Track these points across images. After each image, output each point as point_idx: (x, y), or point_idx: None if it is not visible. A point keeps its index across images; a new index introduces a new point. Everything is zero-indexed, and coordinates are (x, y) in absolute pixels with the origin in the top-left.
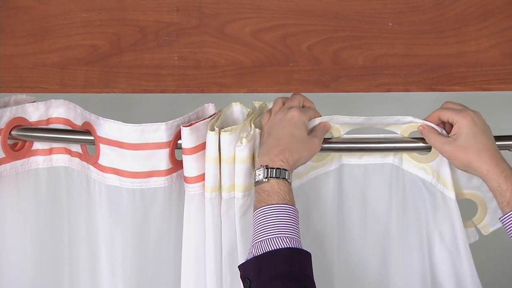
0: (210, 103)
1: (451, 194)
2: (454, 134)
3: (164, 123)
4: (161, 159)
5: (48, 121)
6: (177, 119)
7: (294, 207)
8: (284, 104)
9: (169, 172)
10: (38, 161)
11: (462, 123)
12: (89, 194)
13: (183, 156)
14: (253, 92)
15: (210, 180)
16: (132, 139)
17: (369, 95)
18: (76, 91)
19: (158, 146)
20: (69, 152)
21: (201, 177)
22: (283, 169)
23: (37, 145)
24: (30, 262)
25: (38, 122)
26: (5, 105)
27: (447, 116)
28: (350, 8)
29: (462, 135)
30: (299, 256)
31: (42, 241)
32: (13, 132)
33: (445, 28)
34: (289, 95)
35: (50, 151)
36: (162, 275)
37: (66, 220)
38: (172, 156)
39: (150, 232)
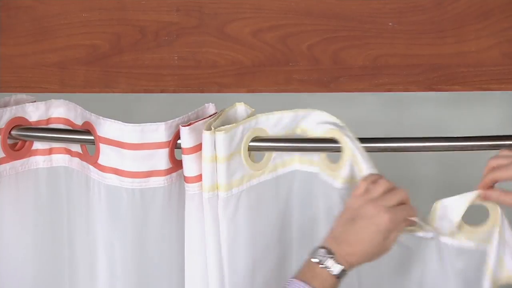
0: (210, 103)
1: None
2: None
3: (163, 123)
4: (160, 159)
5: (48, 121)
6: (177, 118)
7: None
8: (385, 190)
9: (168, 172)
10: (38, 161)
11: None
12: (89, 194)
13: (183, 156)
14: (253, 92)
15: (207, 179)
16: (132, 139)
17: (369, 95)
18: (76, 91)
19: (157, 146)
20: (69, 152)
21: (201, 177)
22: (343, 270)
23: (37, 145)
24: (30, 262)
25: (38, 122)
26: (5, 105)
27: (500, 176)
28: (350, 8)
29: None
30: None
31: (41, 241)
32: (13, 132)
33: (445, 28)
34: (289, 95)
35: (50, 151)
36: (162, 275)
37: (66, 220)
38: (171, 156)
39: (150, 232)
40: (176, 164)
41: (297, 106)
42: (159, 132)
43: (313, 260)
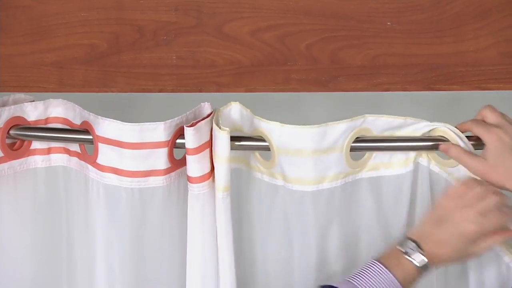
0: (206, 102)
1: None
2: (484, 153)
3: (162, 122)
4: (159, 158)
5: (46, 120)
6: (175, 118)
7: None
8: (480, 195)
9: (167, 171)
10: (37, 161)
11: (488, 142)
12: (88, 193)
13: (187, 156)
14: (251, 92)
15: (222, 180)
16: (130, 139)
17: (368, 95)
18: (74, 90)
19: (156, 145)
20: (67, 151)
21: (205, 177)
22: (427, 261)
23: (36, 145)
24: (29, 261)
25: (37, 121)
26: (4, 104)
27: (476, 131)
28: (348, 8)
29: (490, 155)
30: None
31: (40, 241)
32: (11, 132)
33: (443, 27)
34: (288, 94)
35: (49, 151)
36: (161, 274)
37: (65, 220)
38: (170, 155)
39: (149, 231)
40: (175, 164)
41: (296, 106)
42: (158, 131)
43: (401, 249)
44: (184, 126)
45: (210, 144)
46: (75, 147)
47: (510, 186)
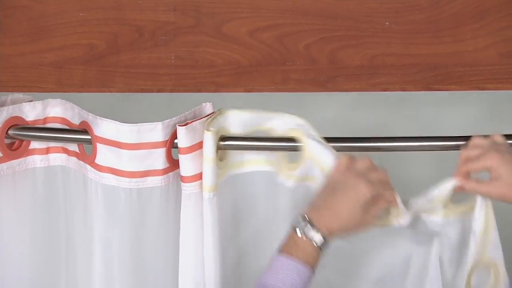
0: (207, 103)
1: None
2: (494, 177)
3: (160, 122)
4: (157, 159)
5: (45, 120)
6: (174, 118)
7: (313, 271)
8: (367, 166)
9: (165, 171)
10: (35, 160)
11: (493, 166)
12: (86, 193)
13: (180, 155)
14: (250, 92)
15: (208, 180)
16: (129, 139)
17: (366, 95)
18: (73, 90)
19: (154, 145)
20: (66, 151)
21: (198, 176)
22: (323, 237)
23: (34, 145)
24: (27, 261)
25: (35, 121)
26: (2, 104)
27: (474, 168)
28: (347, 8)
29: (502, 175)
30: None
31: (39, 240)
32: (10, 132)
33: (442, 27)
34: (287, 94)
35: (47, 150)
36: (159, 274)
37: (63, 220)
38: (168, 155)
39: (147, 231)
40: (173, 164)
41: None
42: (156, 131)
43: (296, 231)
44: (177, 125)
45: None
46: (73, 147)
47: None
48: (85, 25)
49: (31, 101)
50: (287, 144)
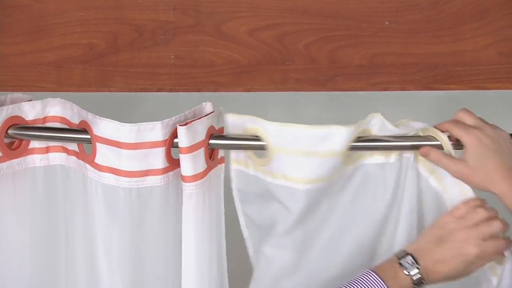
0: (207, 102)
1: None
2: (464, 155)
3: (159, 122)
4: (157, 158)
5: (44, 119)
6: (173, 117)
7: None
8: (482, 219)
9: (165, 170)
10: (35, 160)
11: (468, 144)
12: (86, 193)
13: (180, 155)
14: (249, 91)
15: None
16: (128, 139)
17: (366, 94)
18: (72, 90)
19: (154, 145)
20: (66, 150)
21: (198, 176)
22: (422, 280)
23: (34, 144)
24: (27, 260)
25: (35, 120)
26: (1, 104)
27: (455, 132)
28: (346, 7)
29: (471, 157)
30: None
31: (39, 240)
32: (9, 131)
33: (441, 27)
34: (286, 94)
35: (47, 150)
36: (160, 274)
37: (63, 219)
38: (168, 154)
39: (147, 230)
40: (173, 163)
41: (293, 105)
42: (155, 131)
43: (399, 262)
44: (177, 125)
45: (205, 143)
46: (73, 146)
47: (492, 189)
48: (85, 24)
49: (31, 100)
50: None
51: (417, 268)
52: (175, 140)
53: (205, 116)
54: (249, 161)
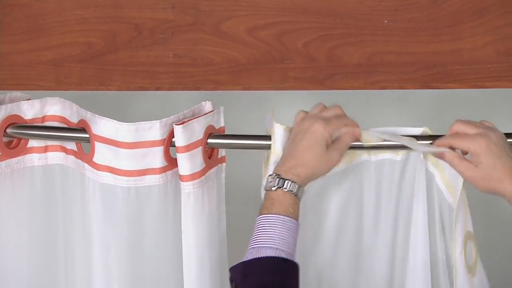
0: (207, 101)
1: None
2: (474, 162)
3: (158, 121)
4: (155, 157)
5: (43, 118)
6: (172, 117)
7: (295, 220)
8: (320, 109)
9: (163, 170)
10: (33, 159)
11: (477, 152)
12: (84, 192)
13: (177, 154)
14: (248, 90)
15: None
16: (126, 138)
17: (364, 93)
18: (71, 88)
19: (152, 144)
20: (64, 150)
21: (196, 175)
22: (293, 182)
23: (33, 143)
24: (26, 259)
25: (33, 119)
26: (0, 102)
27: (458, 144)
28: (345, 6)
29: (481, 164)
30: (284, 266)
31: (37, 239)
32: (8, 130)
33: (440, 25)
34: (285, 92)
35: (46, 149)
36: (158, 273)
37: (61, 218)
38: (166, 154)
39: (145, 230)
40: (172, 162)
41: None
42: (153, 130)
43: (266, 190)
44: (174, 124)
45: (203, 142)
46: (72, 145)
47: (503, 191)
48: (83, 23)
49: (29, 99)
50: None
51: (277, 177)
52: (174, 139)
53: (203, 115)
54: None
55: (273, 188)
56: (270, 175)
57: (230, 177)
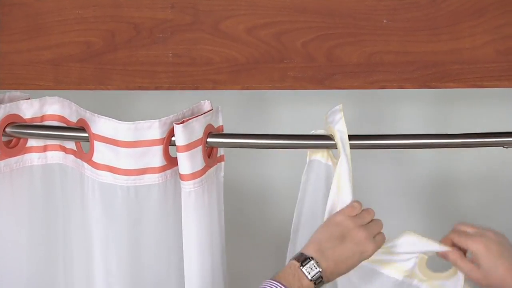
0: (206, 100)
1: None
2: (475, 261)
3: (157, 120)
4: (155, 156)
5: (42, 118)
6: (171, 116)
7: None
8: (371, 217)
9: (163, 169)
10: (33, 158)
11: (477, 252)
12: (83, 191)
13: (177, 153)
14: (247, 89)
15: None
16: (126, 137)
17: (364, 92)
18: (70, 88)
19: (151, 143)
20: (63, 149)
21: (197, 174)
22: (322, 279)
23: (32, 142)
24: (25, 259)
25: (33, 119)
26: (0, 102)
27: (461, 244)
28: (344, 5)
29: (482, 264)
30: None
31: (36, 238)
32: (7, 129)
33: (439, 25)
34: (284, 92)
35: (45, 148)
36: (157, 272)
37: (61, 218)
38: (166, 153)
39: (145, 229)
40: (171, 161)
41: (291, 103)
42: (153, 129)
43: (301, 268)
44: (174, 124)
45: (203, 141)
46: (71, 144)
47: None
48: (83, 22)
49: (29, 98)
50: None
51: (319, 272)
52: (173, 139)
53: (202, 114)
54: None
55: (308, 277)
56: (314, 258)
57: (229, 176)
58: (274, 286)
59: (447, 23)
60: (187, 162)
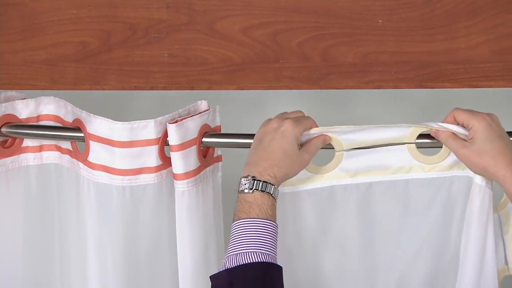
0: (203, 100)
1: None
2: (471, 138)
3: (153, 120)
4: (150, 156)
5: (38, 118)
6: (166, 115)
7: (275, 222)
8: (283, 113)
9: (158, 168)
10: (28, 158)
11: (477, 128)
12: (79, 191)
13: (171, 153)
14: (243, 89)
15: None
16: (121, 137)
17: (359, 92)
18: (66, 88)
19: (147, 143)
20: (59, 149)
21: (190, 174)
22: (270, 183)
23: (27, 142)
24: (20, 259)
25: (28, 119)
26: None
27: (462, 118)
28: (340, 5)
29: (478, 140)
30: (272, 271)
31: (32, 239)
32: (2, 129)
33: (434, 25)
34: (279, 92)
35: (40, 148)
36: (154, 272)
37: (57, 218)
38: (161, 152)
39: (140, 229)
40: (167, 161)
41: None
42: (148, 129)
43: (240, 193)
44: (167, 123)
45: (198, 141)
46: (66, 144)
47: (496, 172)
48: (78, 22)
49: (24, 98)
50: None
51: (253, 179)
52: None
53: (197, 114)
54: None
55: (249, 191)
56: (243, 177)
57: (228, 177)
58: (239, 225)
59: (443, 23)
60: (181, 162)
